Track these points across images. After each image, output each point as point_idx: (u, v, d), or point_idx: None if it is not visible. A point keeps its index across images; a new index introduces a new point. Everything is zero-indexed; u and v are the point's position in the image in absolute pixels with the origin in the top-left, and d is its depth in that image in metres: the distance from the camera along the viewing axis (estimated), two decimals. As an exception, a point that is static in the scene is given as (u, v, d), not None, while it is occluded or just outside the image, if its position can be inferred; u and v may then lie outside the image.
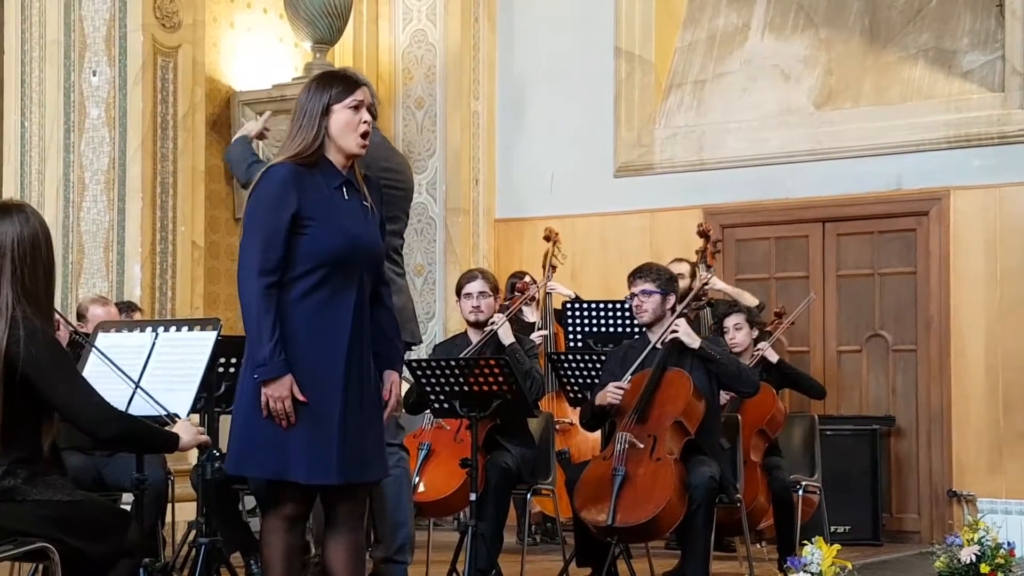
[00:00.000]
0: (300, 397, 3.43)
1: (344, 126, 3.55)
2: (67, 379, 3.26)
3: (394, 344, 3.68)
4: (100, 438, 3.35)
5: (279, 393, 3.43)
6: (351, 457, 3.49)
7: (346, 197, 3.58)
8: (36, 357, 3.19)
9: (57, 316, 3.48)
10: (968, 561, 4.93)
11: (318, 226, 3.49)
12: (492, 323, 5.72)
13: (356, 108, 3.56)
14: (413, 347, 4.68)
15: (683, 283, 6.26)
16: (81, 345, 4.08)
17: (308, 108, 3.56)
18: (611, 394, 5.17)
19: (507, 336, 5.73)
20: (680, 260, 7.09)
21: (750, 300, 7.17)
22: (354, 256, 3.53)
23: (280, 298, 3.47)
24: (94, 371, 3.66)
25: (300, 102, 3.59)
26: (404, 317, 4.36)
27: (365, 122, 3.57)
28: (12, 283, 3.23)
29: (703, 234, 6.86)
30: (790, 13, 8.51)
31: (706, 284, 6.20)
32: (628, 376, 5.21)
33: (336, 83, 3.59)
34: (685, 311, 5.42)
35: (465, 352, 5.63)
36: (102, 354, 3.62)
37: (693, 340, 5.24)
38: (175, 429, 3.49)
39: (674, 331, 5.22)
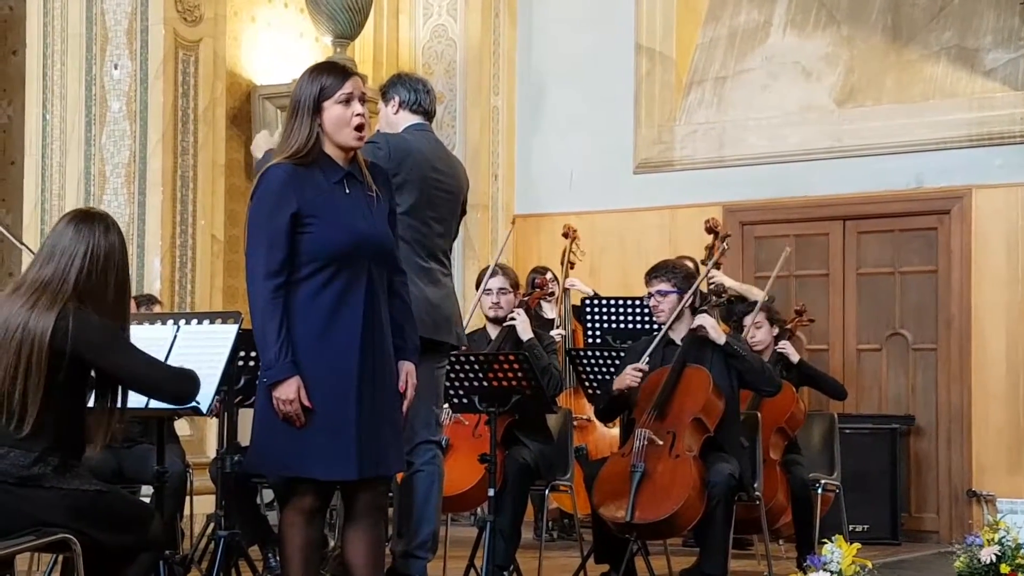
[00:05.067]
0: (305, 402, 3.44)
1: (337, 121, 3.55)
2: (131, 356, 3.33)
3: (407, 334, 3.68)
4: (180, 399, 3.43)
5: (286, 395, 3.44)
6: (368, 451, 3.50)
7: (347, 191, 3.57)
8: (91, 343, 3.24)
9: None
10: (988, 561, 4.90)
11: (320, 224, 3.49)
12: (511, 319, 5.72)
13: (347, 102, 3.56)
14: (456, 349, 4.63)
15: None
16: None
17: (300, 105, 3.56)
18: (630, 376, 5.16)
19: (526, 332, 5.72)
20: (685, 258, 7.03)
21: (757, 295, 7.13)
22: (359, 250, 3.53)
23: (290, 299, 3.48)
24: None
25: (294, 98, 3.59)
26: (448, 319, 4.36)
27: (358, 114, 3.56)
28: (76, 281, 3.29)
29: (711, 230, 6.81)
30: (812, 10, 8.48)
31: (713, 281, 6.16)
32: (646, 357, 5.20)
33: (324, 76, 3.58)
34: (704, 308, 5.40)
35: (480, 345, 5.63)
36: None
37: (719, 336, 5.23)
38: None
39: (701, 325, 5.21)
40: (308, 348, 3.47)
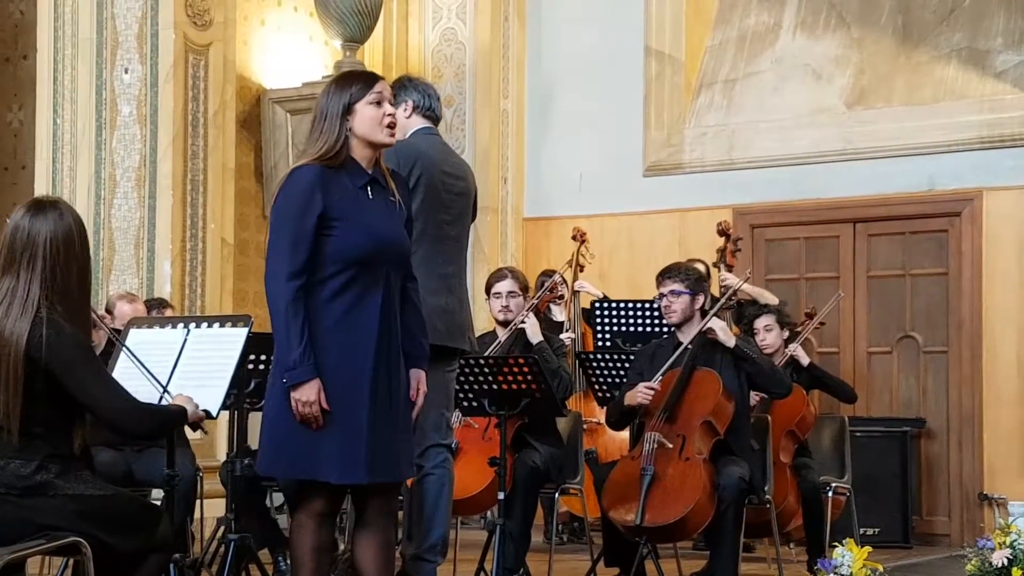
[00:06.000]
0: (324, 405, 3.45)
1: (370, 121, 3.58)
2: (95, 379, 3.28)
3: (419, 341, 3.69)
4: (135, 434, 3.38)
5: (307, 397, 3.44)
6: (381, 456, 3.50)
7: (371, 196, 3.60)
8: (62, 357, 3.21)
9: (94, 317, 3.50)
10: (1000, 565, 4.87)
11: (344, 226, 3.50)
12: (521, 322, 5.72)
13: (378, 103, 3.60)
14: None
15: None
16: (114, 344, 4.11)
17: (329, 110, 3.59)
18: (641, 394, 5.16)
19: (535, 335, 5.73)
20: (696, 260, 7.02)
21: (770, 299, 7.12)
22: (380, 254, 3.54)
23: (309, 300, 3.49)
24: (124, 369, 3.67)
25: (320, 105, 3.62)
26: (460, 326, 4.36)
27: (389, 114, 3.61)
28: (42, 282, 3.25)
29: (723, 232, 6.81)
30: (822, 12, 8.47)
31: (725, 284, 6.16)
32: (659, 376, 5.20)
33: (354, 82, 3.63)
34: (716, 312, 5.39)
35: (490, 348, 5.63)
36: (133, 355, 3.63)
37: (729, 338, 5.22)
38: (176, 402, 3.53)
39: (711, 328, 5.20)
40: (323, 351, 3.48)
